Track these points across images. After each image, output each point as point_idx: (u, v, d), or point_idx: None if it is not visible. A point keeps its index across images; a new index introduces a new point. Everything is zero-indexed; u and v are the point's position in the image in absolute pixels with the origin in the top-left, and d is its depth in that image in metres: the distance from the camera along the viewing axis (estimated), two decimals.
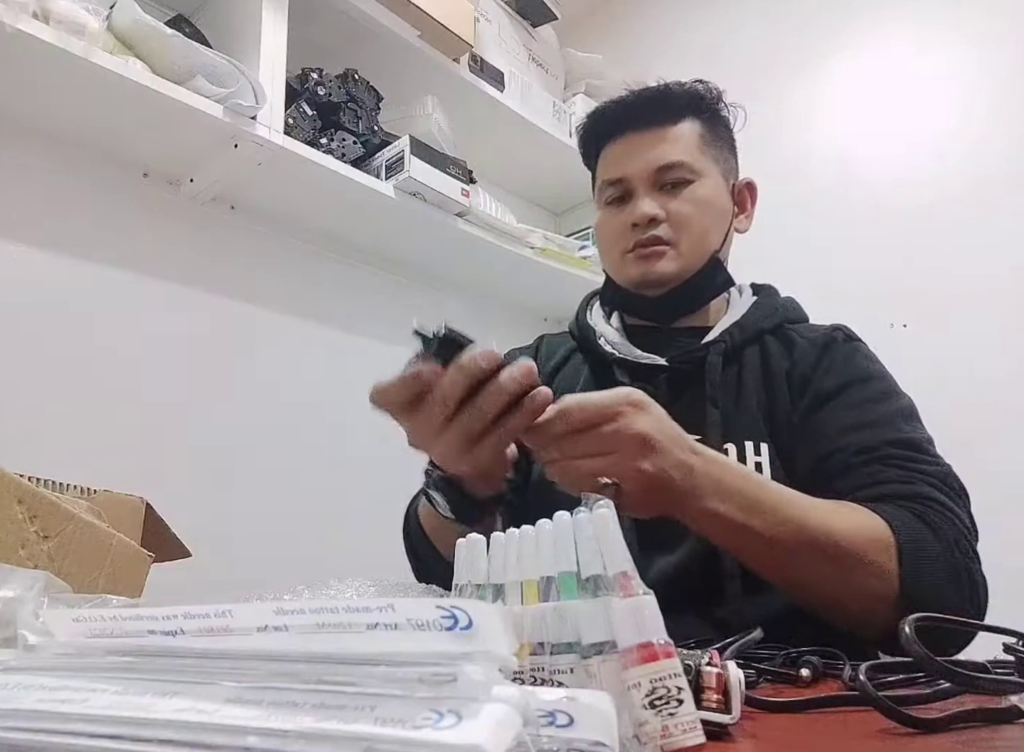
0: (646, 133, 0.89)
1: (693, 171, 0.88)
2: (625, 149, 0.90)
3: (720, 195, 0.91)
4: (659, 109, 0.90)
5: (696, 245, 0.88)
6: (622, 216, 0.90)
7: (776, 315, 0.90)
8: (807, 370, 0.84)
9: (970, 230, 1.55)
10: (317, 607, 0.22)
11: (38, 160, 1.29)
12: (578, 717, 0.21)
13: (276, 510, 1.43)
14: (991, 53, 1.59)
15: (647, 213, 0.86)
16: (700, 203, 0.88)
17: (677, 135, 0.89)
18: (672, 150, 0.88)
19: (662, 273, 0.87)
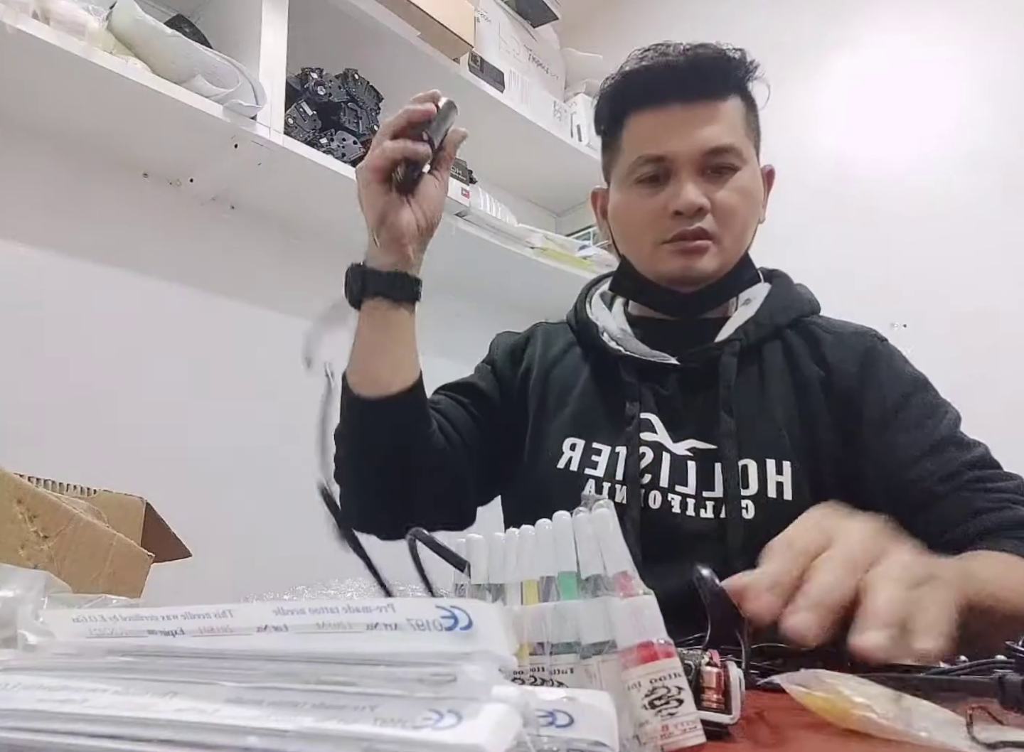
0: (694, 106, 0.78)
1: (741, 157, 0.80)
2: (669, 122, 0.78)
3: (758, 184, 0.84)
4: (712, 80, 0.79)
5: (737, 241, 0.81)
6: (658, 199, 0.79)
7: (793, 308, 0.84)
8: (851, 382, 0.78)
9: (970, 230, 1.55)
10: (317, 607, 0.22)
11: (38, 160, 1.29)
12: (578, 717, 0.21)
13: (276, 510, 1.43)
14: (991, 53, 1.59)
15: (694, 202, 0.76)
16: (745, 194, 0.80)
17: (726, 113, 0.79)
18: (723, 131, 0.78)
19: (703, 271, 0.79)
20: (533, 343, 0.94)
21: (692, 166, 0.78)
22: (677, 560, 0.75)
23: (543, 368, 0.90)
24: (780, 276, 0.90)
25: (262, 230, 1.55)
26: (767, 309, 0.83)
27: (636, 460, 0.78)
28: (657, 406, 0.81)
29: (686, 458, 0.78)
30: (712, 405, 0.78)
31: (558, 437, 0.84)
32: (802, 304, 0.86)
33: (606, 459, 0.80)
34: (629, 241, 0.85)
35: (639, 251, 0.83)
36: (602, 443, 0.82)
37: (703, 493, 0.77)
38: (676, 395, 0.81)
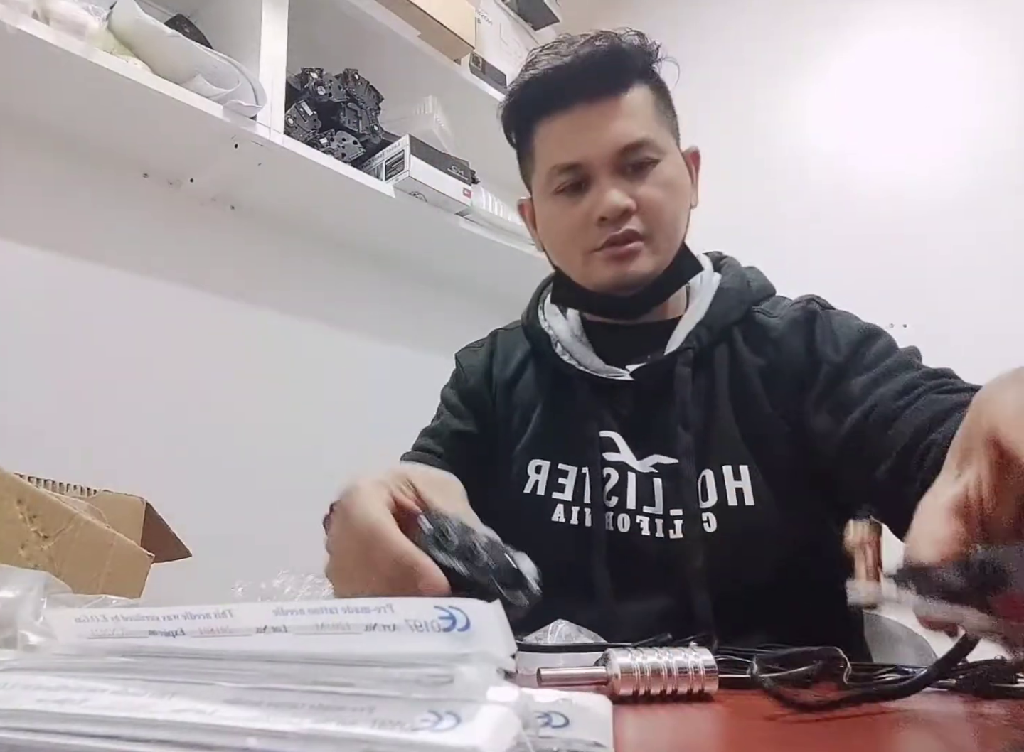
0: (597, 105, 0.74)
1: (657, 148, 0.75)
2: (575, 126, 0.75)
3: (682, 172, 0.79)
4: (609, 75, 0.75)
5: (670, 235, 0.77)
6: (581, 207, 0.75)
7: (743, 302, 0.80)
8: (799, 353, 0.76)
9: (970, 229, 1.55)
10: (316, 607, 0.22)
11: (38, 160, 1.29)
12: (573, 718, 0.21)
13: (276, 510, 1.43)
14: (992, 52, 1.59)
15: (618, 205, 0.73)
16: (669, 185, 0.76)
17: (633, 106, 0.75)
18: (633, 126, 0.74)
19: (639, 273, 0.75)
20: (495, 358, 0.90)
21: (609, 167, 0.74)
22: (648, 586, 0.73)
23: (505, 386, 0.87)
24: (729, 265, 0.85)
25: (262, 230, 1.55)
26: (716, 309, 0.79)
27: (600, 483, 0.76)
28: (617, 424, 0.79)
29: (651, 475, 0.76)
30: (669, 420, 0.76)
31: (523, 459, 0.81)
32: (752, 293, 0.81)
33: (573, 481, 0.78)
34: (559, 253, 0.81)
35: (570, 262, 0.80)
36: (568, 464, 0.79)
37: (670, 512, 0.74)
38: (634, 412, 0.78)
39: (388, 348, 1.74)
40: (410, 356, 1.77)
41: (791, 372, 0.75)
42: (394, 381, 1.72)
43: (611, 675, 0.41)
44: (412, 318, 1.80)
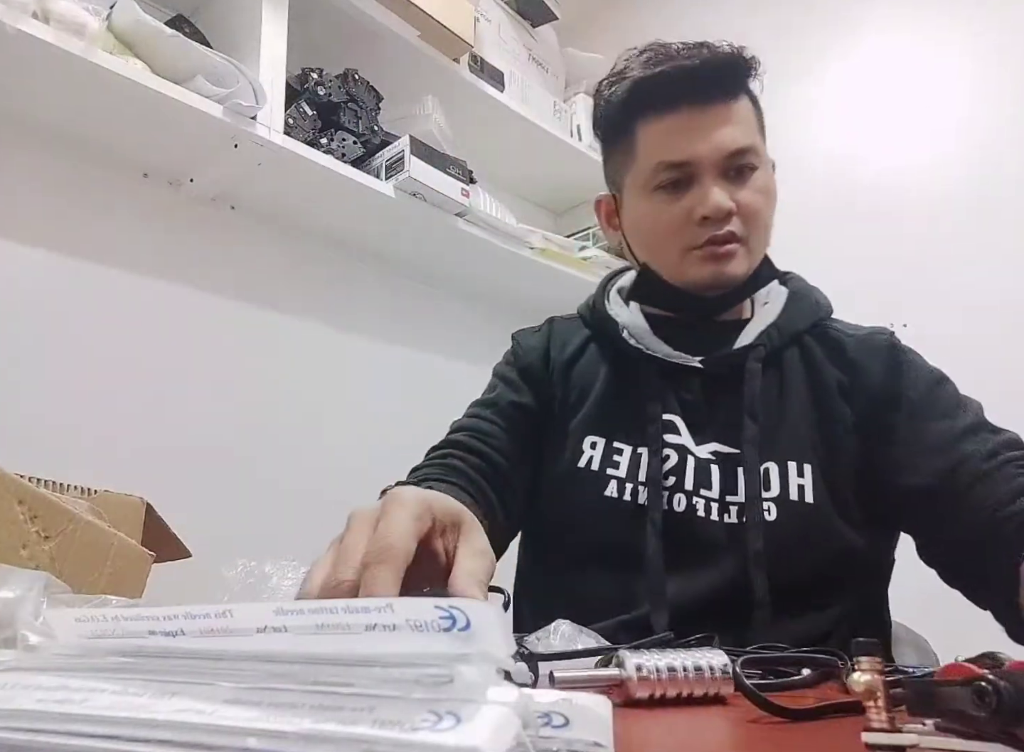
0: (710, 109, 0.77)
1: (759, 155, 0.80)
2: (686, 125, 0.77)
3: (773, 181, 0.83)
4: (727, 81, 0.79)
5: (763, 241, 0.81)
6: (683, 205, 0.77)
7: (812, 313, 0.85)
8: (882, 380, 0.79)
9: (971, 229, 1.55)
10: (316, 607, 0.22)
11: (38, 160, 1.29)
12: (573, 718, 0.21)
13: (276, 509, 1.43)
14: (993, 52, 1.59)
15: (723, 206, 0.75)
16: (766, 193, 0.80)
17: (741, 114, 0.79)
18: (742, 132, 0.78)
19: (734, 274, 0.78)
20: (553, 341, 0.92)
21: (715, 169, 0.77)
22: (700, 564, 0.75)
23: (563, 366, 0.89)
24: (796, 279, 0.90)
25: (262, 230, 1.55)
26: (788, 314, 0.83)
27: (659, 461, 0.78)
28: (680, 408, 0.81)
29: (709, 461, 0.78)
30: (735, 410, 0.78)
31: (578, 435, 0.83)
32: (820, 308, 0.86)
33: (627, 459, 0.80)
34: (654, 249, 0.83)
35: (666, 259, 0.81)
36: (623, 443, 0.81)
37: (726, 497, 0.77)
38: (699, 398, 0.81)
39: (387, 347, 1.74)
40: (409, 356, 1.77)
41: (869, 394, 0.79)
42: (393, 380, 1.72)
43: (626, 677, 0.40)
44: (411, 318, 1.80)
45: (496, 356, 1.03)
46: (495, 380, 0.94)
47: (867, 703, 0.28)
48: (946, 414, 0.77)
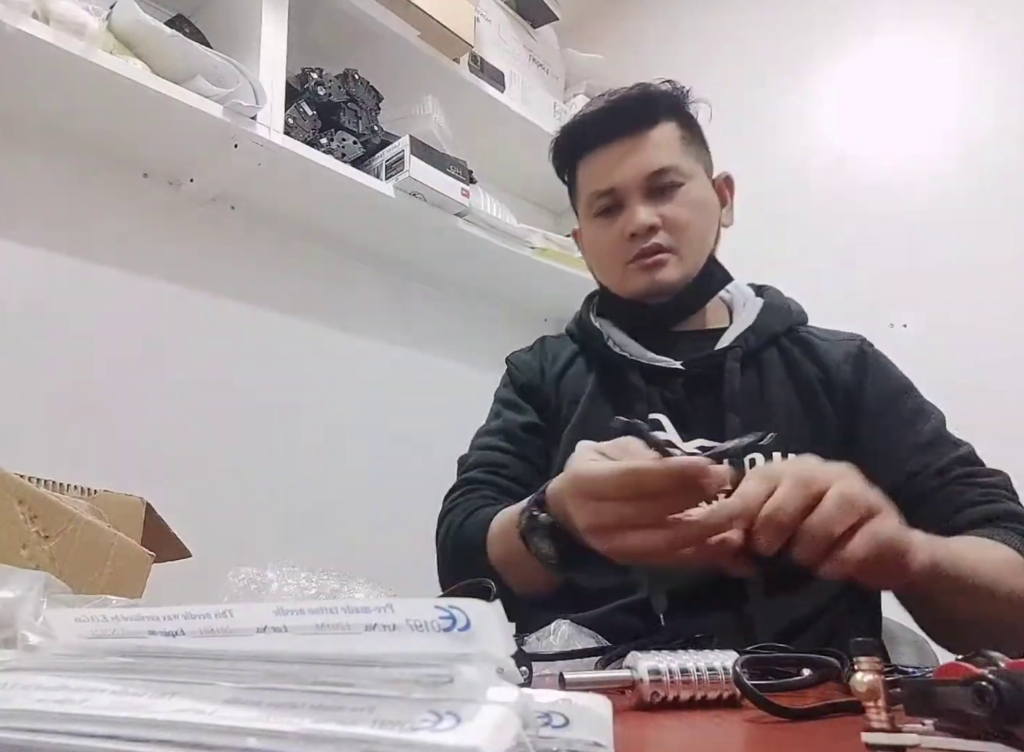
0: (628, 140, 0.87)
1: (681, 173, 0.87)
2: (610, 158, 0.87)
3: (708, 193, 0.91)
4: (638, 114, 0.87)
5: (696, 248, 0.88)
6: (616, 227, 0.87)
7: (787, 318, 0.90)
8: (849, 383, 0.85)
9: (970, 229, 1.55)
10: (316, 608, 0.22)
11: (38, 160, 1.29)
12: (573, 718, 0.21)
13: (276, 510, 1.44)
14: (991, 52, 1.59)
15: (645, 222, 0.84)
16: (693, 205, 0.87)
17: (660, 138, 0.87)
18: (659, 154, 0.86)
19: (667, 281, 0.86)
20: (545, 357, 0.98)
21: (639, 191, 0.86)
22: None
23: (555, 379, 0.94)
24: (771, 291, 0.96)
25: (262, 230, 1.55)
26: (763, 319, 0.89)
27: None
28: (665, 407, 0.85)
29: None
30: (717, 407, 0.82)
31: (570, 441, 0.85)
32: (794, 315, 0.92)
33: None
34: (600, 268, 0.93)
35: (610, 275, 0.91)
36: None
37: None
38: (682, 398, 0.85)
39: (387, 347, 1.74)
40: (410, 355, 1.77)
41: (844, 392, 0.84)
42: (392, 380, 1.72)
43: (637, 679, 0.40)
44: (411, 318, 1.80)
45: (496, 355, 1.03)
46: (497, 406, 0.98)
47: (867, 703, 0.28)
48: (906, 424, 0.82)
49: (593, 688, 0.40)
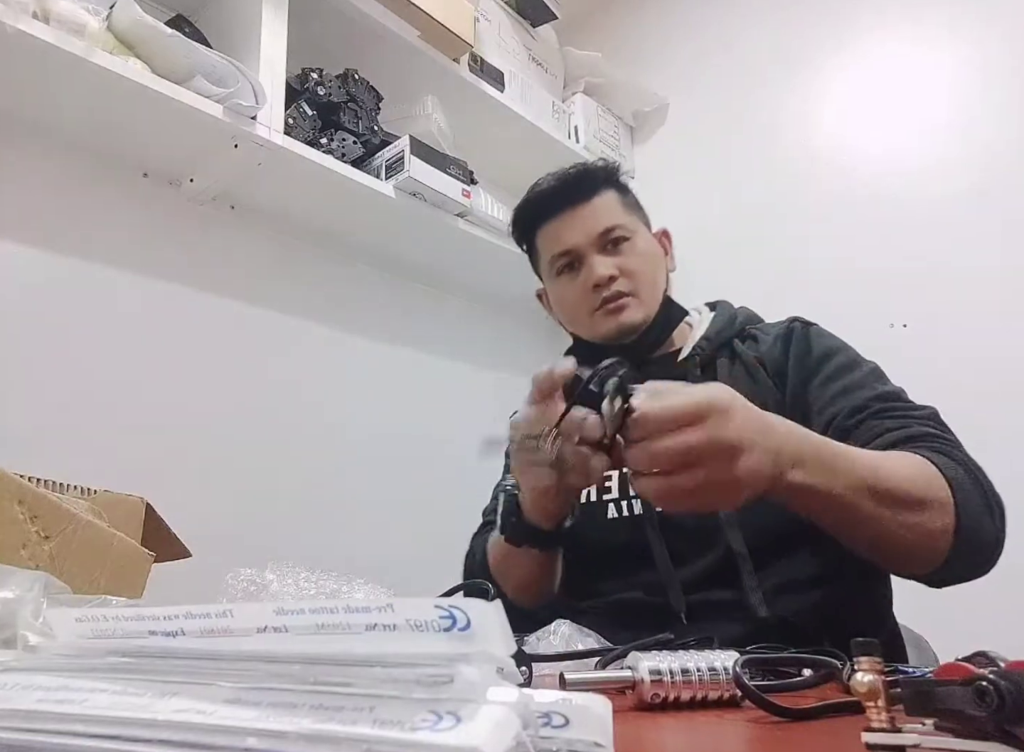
0: (578, 207, 0.98)
1: (627, 230, 0.98)
2: (564, 224, 0.99)
3: (652, 244, 1.03)
4: (581, 187, 0.99)
5: (651, 290, 0.98)
6: (579, 281, 0.98)
7: (736, 322, 0.99)
8: (779, 362, 0.91)
9: (970, 230, 1.55)
10: (316, 607, 0.22)
11: (38, 160, 1.29)
12: (573, 718, 0.21)
13: (276, 510, 1.44)
14: (991, 52, 1.59)
15: (604, 273, 0.95)
16: (642, 254, 0.98)
17: (604, 204, 0.99)
18: (606, 215, 0.98)
19: (631, 321, 0.95)
20: None
21: (593, 248, 0.97)
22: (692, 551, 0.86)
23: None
24: (722, 303, 1.05)
25: (262, 230, 1.55)
26: (714, 327, 0.98)
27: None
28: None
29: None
30: None
31: None
32: (744, 318, 1.00)
33: (617, 480, 0.93)
34: (570, 319, 1.02)
35: (580, 324, 1.00)
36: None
37: None
38: None
39: (388, 347, 1.74)
40: (410, 355, 1.77)
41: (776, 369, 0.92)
42: (392, 380, 1.72)
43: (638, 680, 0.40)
44: (412, 318, 1.80)
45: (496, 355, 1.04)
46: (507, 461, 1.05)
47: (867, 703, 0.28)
48: (830, 378, 0.87)
49: (593, 688, 0.40)
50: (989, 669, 0.28)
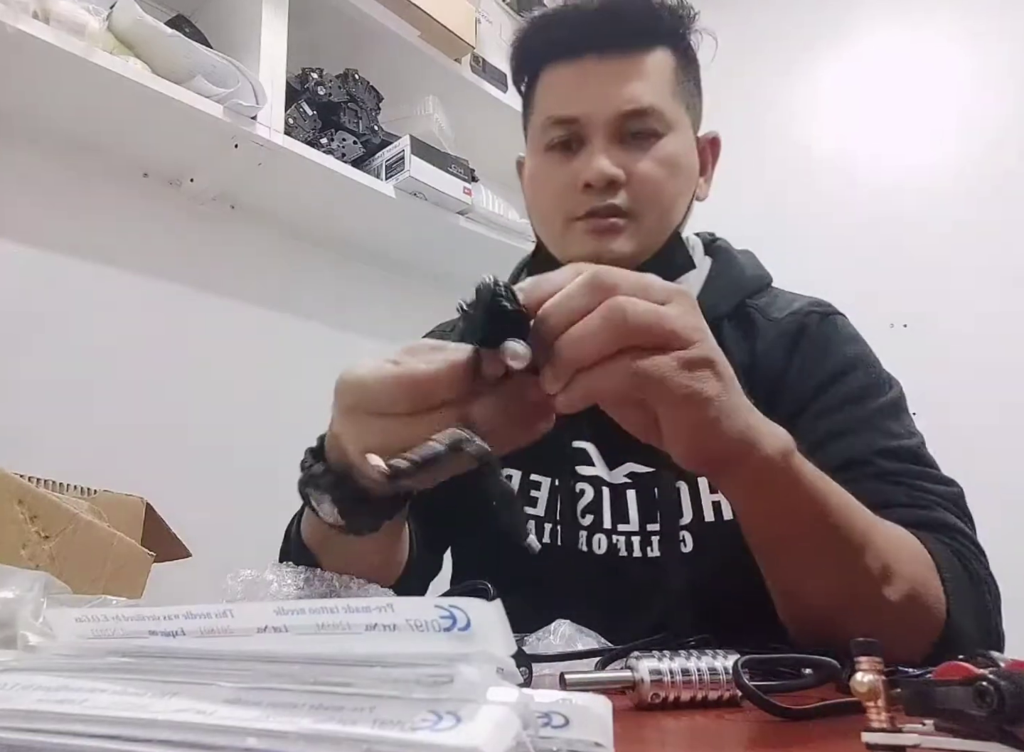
0: (611, 60, 0.68)
1: (664, 121, 0.69)
2: (580, 78, 0.68)
3: (690, 153, 0.73)
4: (632, 29, 0.68)
5: (660, 220, 0.70)
6: (570, 169, 0.69)
7: (736, 292, 0.74)
8: (777, 368, 0.70)
9: (970, 230, 1.55)
10: (317, 607, 0.22)
11: (38, 160, 1.29)
12: (573, 718, 0.21)
13: (276, 510, 1.43)
14: (992, 54, 1.59)
15: (606, 173, 0.66)
16: (670, 164, 0.69)
17: (650, 69, 0.68)
18: (644, 90, 0.68)
19: (618, 254, 0.67)
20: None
21: (607, 130, 0.68)
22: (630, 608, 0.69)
23: None
24: (721, 250, 0.78)
25: (262, 230, 1.55)
26: (707, 297, 0.71)
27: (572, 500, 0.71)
28: (592, 430, 0.72)
29: (625, 487, 0.71)
30: None
31: None
32: (745, 283, 0.75)
33: (546, 494, 0.73)
34: (540, 217, 0.74)
35: (550, 229, 0.72)
36: (541, 474, 0.73)
37: (647, 526, 0.70)
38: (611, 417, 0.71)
39: (389, 347, 1.74)
40: None
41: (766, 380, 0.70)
42: None
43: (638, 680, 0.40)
44: (413, 318, 1.80)
45: None
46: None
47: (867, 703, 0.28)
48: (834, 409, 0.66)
49: (594, 688, 0.40)
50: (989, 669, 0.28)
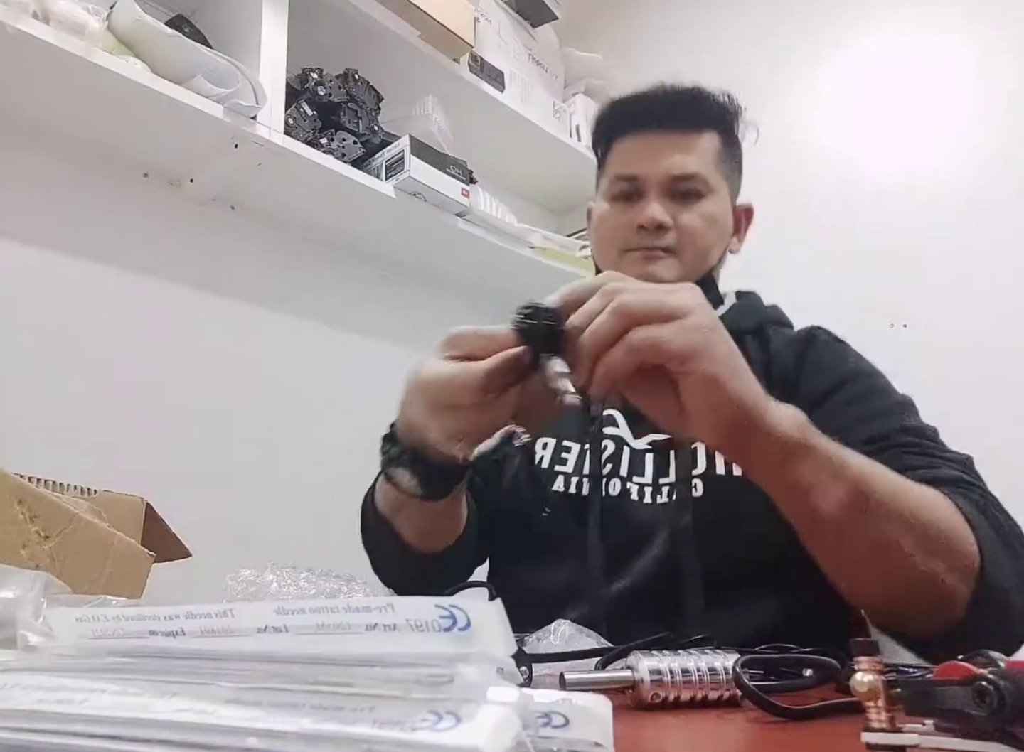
0: (668, 136, 0.87)
1: (707, 185, 0.87)
2: (644, 147, 0.87)
3: (726, 214, 0.90)
4: (687, 114, 0.88)
5: (697, 261, 0.86)
6: (629, 214, 0.87)
7: (756, 315, 0.89)
8: (788, 368, 0.81)
9: (970, 230, 1.55)
10: (317, 607, 0.22)
11: (38, 160, 1.29)
12: (573, 718, 0.21)
13: (276, 510, 1.43)
14: (993, 54, 1.59)
15: (656, 219, 0.84)
16: (708, 219, 0.86)
17: (698, 146, 0.87)
18: (692, 160, 0.86)
19: (661, 277, 0.83)
20: None
21: (660, 188, 0.85)
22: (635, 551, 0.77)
23: None
24: (750, 293, 0.95)
25: (262, 230, 1.55)
26: (730, 316, 0.87)
27: (599, 456, 0.83)
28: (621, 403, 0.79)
29: (644, 452, 0.83)
30: None
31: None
32: (766, 313, 0.91)
33: (575, 456, 0.85)
34: (600, 249, 0.92)
35: (607, 258, 0.89)
36: (572, 441, 0.87)
37: (659, 480, 0.81)
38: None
39: (388, 347, 1.74)
40: (410, 355, 1.77)
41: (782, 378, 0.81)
42: (392, 381, 1.72)
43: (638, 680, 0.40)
44: (412, 318, 1.80)
45: None
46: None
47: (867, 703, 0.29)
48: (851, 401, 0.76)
49: (594, 688, 0.40)
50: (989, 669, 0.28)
